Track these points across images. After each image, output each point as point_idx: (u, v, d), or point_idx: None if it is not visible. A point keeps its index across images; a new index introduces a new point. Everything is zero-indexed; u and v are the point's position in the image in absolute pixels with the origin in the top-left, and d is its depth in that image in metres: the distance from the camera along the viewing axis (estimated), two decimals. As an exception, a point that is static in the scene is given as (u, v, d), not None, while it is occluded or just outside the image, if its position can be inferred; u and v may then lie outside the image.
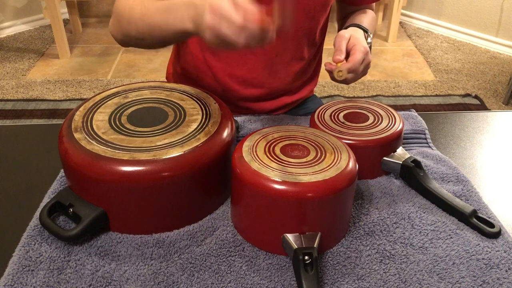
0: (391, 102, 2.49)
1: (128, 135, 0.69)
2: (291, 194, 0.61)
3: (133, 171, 0.64)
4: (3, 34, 3.14)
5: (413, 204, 0.75)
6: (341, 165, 0.65)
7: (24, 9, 3.21)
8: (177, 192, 0.67)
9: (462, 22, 3.19)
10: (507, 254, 0.66)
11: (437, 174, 0.81)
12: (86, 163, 0.65)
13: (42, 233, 0.67)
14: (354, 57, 0.82)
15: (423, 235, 0.69)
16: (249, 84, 1.02)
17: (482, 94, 2.58)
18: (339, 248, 0.67)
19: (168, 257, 0.65)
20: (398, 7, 3.00)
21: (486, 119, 1.02)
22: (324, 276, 0.63)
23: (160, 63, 2.82)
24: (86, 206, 0.67)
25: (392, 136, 0.79)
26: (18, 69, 2.74)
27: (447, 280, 0.62)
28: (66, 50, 2.84)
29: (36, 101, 2.43)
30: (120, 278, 0.62)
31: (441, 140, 0.94)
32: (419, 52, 3.04)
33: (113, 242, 0.67)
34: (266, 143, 0.70)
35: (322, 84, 2.61)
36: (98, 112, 0.74)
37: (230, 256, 0.65)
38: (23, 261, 0.63)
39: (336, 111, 0.85)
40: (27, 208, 0.73)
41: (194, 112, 0.75)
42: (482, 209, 0.73)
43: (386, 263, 0.65)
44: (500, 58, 2.98)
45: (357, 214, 0.73)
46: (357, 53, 0.83)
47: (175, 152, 0.66)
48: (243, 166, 0.65)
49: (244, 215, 0.68)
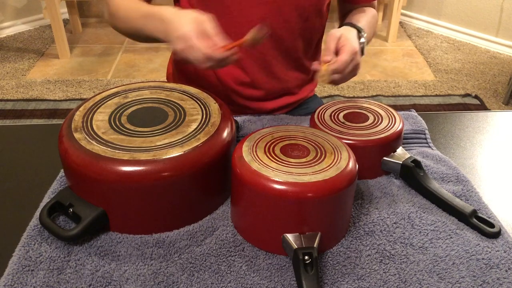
0: (391, 102, 2.49)
1: (128, 135, 0.69)
2: (291, 194, 0.61)
3: (133, 171, 0.64)
4: (3, 34, 3.14)
5: (413, 204, 0.75)
6: (341, 165, 0.65)
7: (24, 9, 3.21)
8: (177, 192, 0.67)
9: (462, 22, 3.19)
10: (507, 254, 0.66)
11: (437, 174, 0.81)
12: (86, 163, 0.65)
13: (42, 233, 0.67)
14: (341, 58, 0.81)
15: (423, 235, 0.69)
16: (248, 85, 1.02)
17: (482, 94, 2.58)
18: (339, 248, 0.67)
19: (168, 257, 0.65)
20: (398, 7, 3.00)
21: (486, 119, 1.02)
22: (324, 276, 0.63)
23: (160, 63, 2.82)
24: (86, 206, 0.67)
25: (392, 136, 0.79)
26: (18, 69, 2.74)
27: (447, 280, 0.62)
28: (66, 50, 2.84)
29: (36, 101, 2.43)
30: (120, 278, 0.62)
31: (441, 140, 0.94)
32: (419, 52, 3.04)
33: (113, 242, 0.67)
34: (266, 143, 0.70)
35: (322, 84, 2.61)
36: (98, 112, 0.74)
37: (230, 256, 0.65)
38: (23, 261, 0.63)
39: (336, 111, 0.85)
40: (27, 208, 0.73)
41: (194, 112, 0.75)
42: (482, 209, 0.73)
43: (386, 263, 0.65)
44: (500, 58, 2.98)
45: (357, 214, 0.73)
46: (344, 54, 0.81)
47: (175, 152, 0.66)
48: (243, 166, 0.65)
49: (244, 215, 0.68)
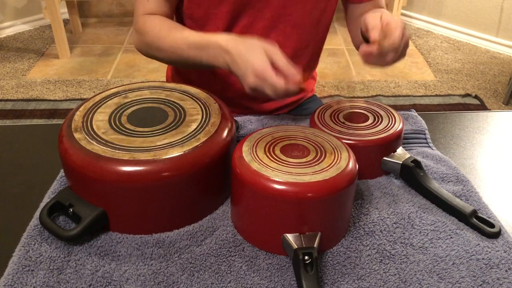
0: (391, 102, 2.49)
1: (128, 135, 0.69)
2: (291, 194, 0.61)
3: (133, 171, 0.64)
4: (3, 34, 3.14)
5: (413, 204, 0.75)
6: (341, 165, 0.65)
7: (24, 9, 3.20)
8: (177, 192, 0.67)
9: (462, 22, 3.19)
10: (507, 254, 0.66)
11: (437, 174, 0.80)
12: (86, 163, 0.65)
13: (42, 233, 0.67)
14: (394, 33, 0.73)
15: (423, 235, 0.69)
16: None
17: (482, 94, 2.58)
18: (339, 248, 0.67)
19: (168, 257, 0.65)
20: (398, 7, 3.00)
21: (486, 119, 1.02)
22: (324, 276, 0.63)
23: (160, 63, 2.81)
24: (86, 206, 0.67)
25: (392, 136, 0.79)
26: (18, 69, 2.74)
27: (447, 280, 0.62)
28: (66, 50, 2.84)
29: (36, 101, 2.43)
30: (120, 278, 0.62)
31: (441, 140, 0.94)
32: (419, 52, 3.04)
33: (113, 242, 0.67)
34: (266, 143, 0.70)
35: (322, 84, 2.61)
36: (98, 112, 0.74)
37: (230, 256, 0.65)
38: (23, 261, 0.63)
39: (336, 111, 0.85)
40: (27, 208, 0.73)
41: (194, 112, 0.75)
42: (482, 209, 0.73)
43: (386, 263, 0.65)
44: (500, 58, 2.98)
45: (357, 214, 0.73)
46: (395, 29, 0.74)
47: (175, 152, 0.66)
48: (243, 166, 0.65)
49: (244, 215, 0.68)
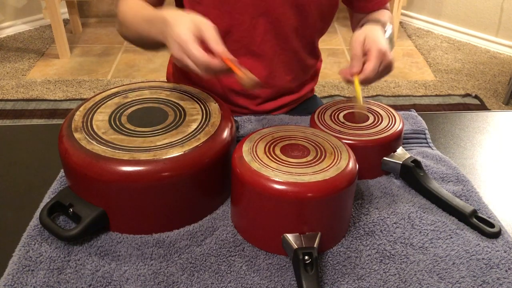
0: (391, 102, 2.49)
1: (128, 135, 0.69)
2: (291, 194, 0.61)
3: (133, 171, 0.64)
4: (3, 34, 3.14)
5: (413, 204, 0.75)
6: (341, 165, 0.65)
7: (24, 9, 3.20)
8: (177, 192, 0.67)
9: (462, 22, 3.19)
10: (507, 254, 0.66)
11: (437, 174, 0.81)
12: (86, 163, 0.65)
13: (42, 233, 0.67)
14: (368, 66, 0.78)
15: (423, 235, 0.69)
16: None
17: (482, 94, 2.58)
18: (339, 248, 0.67)
19: (168, 257, 0.65)
20: (398, 7, 3.00)
21: (486, 119, 1.02)
22: (324, 276, 0.63)
23: (160, 63, 2.82)
24: (86, 206, 0.67)
25: (392, 136, 0.79)
26: (18, 69, 2.74)
27: (447, 280, 0.62)
28: (66, 50, 2.84)
29: (36, 101, 2.43)
30: (120, 278, 0.62)
31: (441, 140, 0.94)
32: (419, 52, 3.04)
33: (113, 242, 0.67)
34: (266, 143, 0.70)
35: (322, 84, 2.61)
36: (98, 112, 0.74)
37: (230, 256, 0.65)
38: (23, 261, 0.63)
39: (336, 111, 0.85)
40: (27, 208, 0.73)
41: (194, 112, 0.75)
42: (482, 209, 0.73)
43: (386, 263, 0.65)
44: (500, 58, 2.98)
45: (357, 214, 0.73)
46: (371, 61, 0.78)
47: (175, 152, 0.66)
48: (243, 166, 0.65)
49: (244, 215, 0.68)
